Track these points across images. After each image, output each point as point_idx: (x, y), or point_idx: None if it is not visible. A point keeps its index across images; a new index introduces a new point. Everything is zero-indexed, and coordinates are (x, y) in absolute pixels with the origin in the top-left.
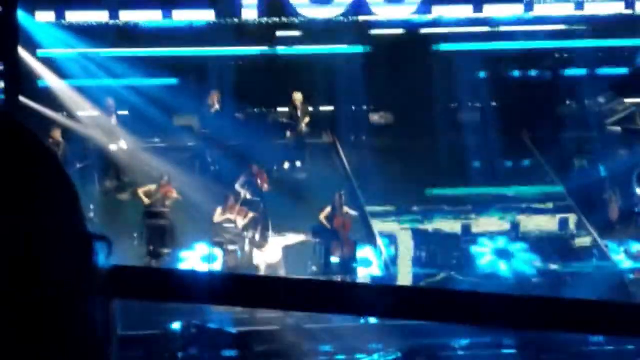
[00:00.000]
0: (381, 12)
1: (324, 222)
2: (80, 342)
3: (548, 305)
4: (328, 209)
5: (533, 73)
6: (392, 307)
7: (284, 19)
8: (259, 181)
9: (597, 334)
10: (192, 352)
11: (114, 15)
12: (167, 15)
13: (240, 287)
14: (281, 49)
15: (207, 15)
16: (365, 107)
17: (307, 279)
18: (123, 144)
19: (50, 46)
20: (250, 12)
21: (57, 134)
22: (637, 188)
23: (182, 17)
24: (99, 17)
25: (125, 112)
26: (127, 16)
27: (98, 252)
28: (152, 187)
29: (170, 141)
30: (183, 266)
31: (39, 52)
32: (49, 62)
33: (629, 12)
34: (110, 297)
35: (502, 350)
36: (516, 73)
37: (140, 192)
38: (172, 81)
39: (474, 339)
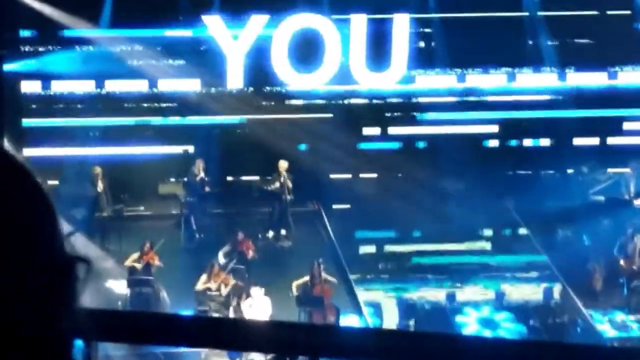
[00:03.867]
0: (364, 82)
1: (294, 291)
2: None
3: (529, 348)
4: (305, 278)
5: (515, 142)
6: (378, 351)
7: (268, 88)
8: (244, 249)
9: None
10: None
11: (99, 84)
12: (153, 85)
13: (219, 329)
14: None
15: (192, 85)
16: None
17: (291, 322)
18: (108, 212)
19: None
20: (235, 82)
21: None
22: (620, 258)
23: (168, 87)
24: (85, 87)
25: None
26: (112, 86)
27: (78, 274)
28: (135, 255)
29: (155, 209)
30: None
31: (25, 121)
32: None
33: (612, 82)
34: (90, 338)
35: None
36: (499, 142)
37: (129, 263)
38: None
39: None
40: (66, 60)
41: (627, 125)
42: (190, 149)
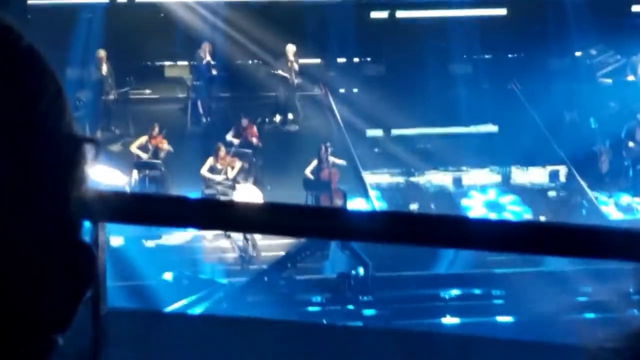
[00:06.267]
0: None
1: (309, 175)
2: (73, 267)
3: (536, 230)
4: (314, 163)
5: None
6: (384, 232)
7: None
8: (249, 135)
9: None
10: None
11: None
12: None
13: (228, 211)
14: None
15: None
16: (357, 59)
17: (298, 205)
18: (114, 95)
19: None
20: None
21: None
22: (628, 141)
23: None
24: None
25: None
26: None
27: (86, 153)
28: (143, 139)
29: (161, 92)
30: None
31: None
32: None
33: None
34: (99, 219)
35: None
36: (506, 24)
37: (134, 148)
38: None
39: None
40: None
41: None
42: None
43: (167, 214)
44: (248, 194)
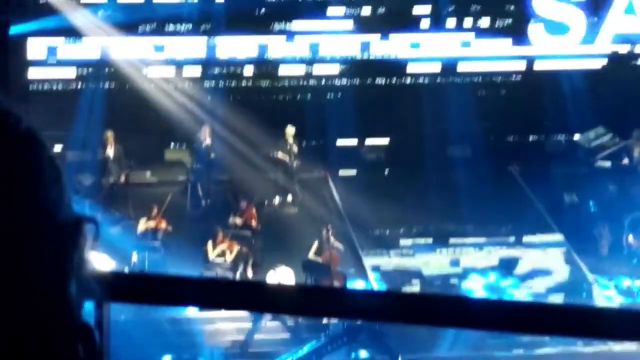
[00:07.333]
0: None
1: (314, 258)
2: (73, 352)
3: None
4: (316, 244)
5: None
6: (386, 312)
7: None
8: (248, 218)
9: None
10: None
11: None
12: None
13: (234, 291)
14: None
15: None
16: (356, 141)
17: (301, 285)
18: (115, 178)
19: None
20: None
21: None
22: (629, 235)
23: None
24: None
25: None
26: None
27: (86, 234)
28: (143, 220)
29: (162, 175)
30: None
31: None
32: None
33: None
34: (103, 300)
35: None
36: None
37: (142, 228)
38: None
39: None
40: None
41: None
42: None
43: (172, 293)
44: (282, 276)
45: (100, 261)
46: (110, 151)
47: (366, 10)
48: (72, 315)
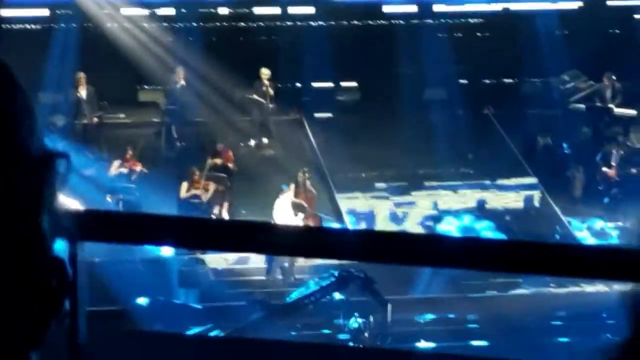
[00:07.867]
0: None
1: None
2: (44, 283)
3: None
4: (292, 187)
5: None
6: (366, 251)
7: None
8: (225, 160)
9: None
10: (158, 327)
11: None
12: None
13: (209, 231)
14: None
15: None
16: (332, 84)
17: (277, 225)
18: (89, 119)
19: None
20: None
21: None
22: (602, 167)
23: None
24: None
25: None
26: None
27: (58, 168)
28: (117, 162)
29: (136, 116)
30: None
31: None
32: None
33: None
34: (76, 239)
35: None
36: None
37: (114, 171)
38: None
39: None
40: None
41: None
42: None
43: (146, 231)
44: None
45: (73, 203)
46: (82, 92)
47: None
48: (44, 247)
